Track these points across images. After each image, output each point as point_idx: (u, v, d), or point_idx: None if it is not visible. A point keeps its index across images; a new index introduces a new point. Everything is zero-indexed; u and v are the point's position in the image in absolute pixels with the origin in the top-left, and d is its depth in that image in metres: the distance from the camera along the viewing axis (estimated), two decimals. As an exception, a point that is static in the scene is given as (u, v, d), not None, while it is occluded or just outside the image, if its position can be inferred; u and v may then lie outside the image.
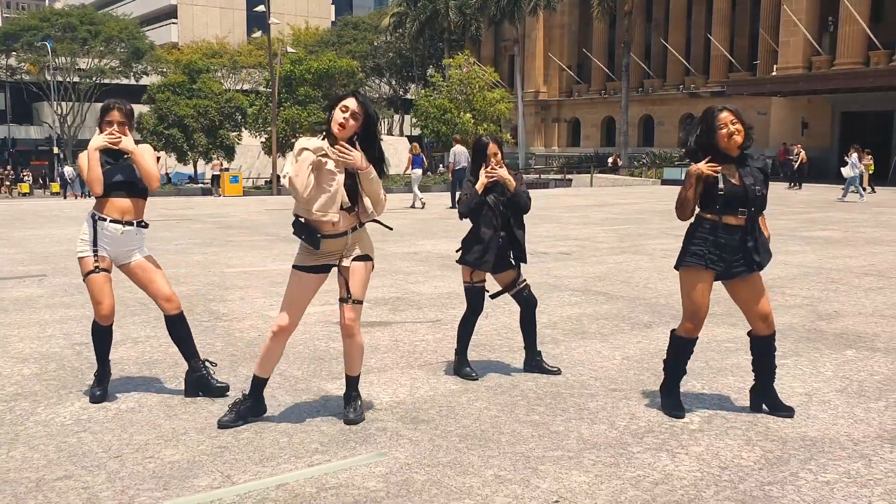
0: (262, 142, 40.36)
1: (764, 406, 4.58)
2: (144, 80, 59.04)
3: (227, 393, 4.80)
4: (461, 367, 5.31)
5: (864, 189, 26.60)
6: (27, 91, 61.69)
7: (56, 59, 57.44)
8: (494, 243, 5.18)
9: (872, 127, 40.21)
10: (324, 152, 4.15)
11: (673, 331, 4.68)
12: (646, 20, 53.56)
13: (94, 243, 4.58)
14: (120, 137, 4.56)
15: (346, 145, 4.15)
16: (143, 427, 4.29)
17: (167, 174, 46.20)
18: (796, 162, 31.62)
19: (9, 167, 50.27)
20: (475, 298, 5.33)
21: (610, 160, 46.80)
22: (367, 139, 4.25)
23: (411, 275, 9.60)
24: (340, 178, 4.18)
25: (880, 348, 6.10)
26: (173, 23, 79.20)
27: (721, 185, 4.33)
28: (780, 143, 40.20)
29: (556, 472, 3.69)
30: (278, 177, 37.35)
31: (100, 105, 4.92)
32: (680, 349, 4.61)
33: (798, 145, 34.14)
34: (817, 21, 40.49)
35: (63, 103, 60.00)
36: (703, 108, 4.56)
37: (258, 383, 4.42)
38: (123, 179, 4.62)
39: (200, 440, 4.09)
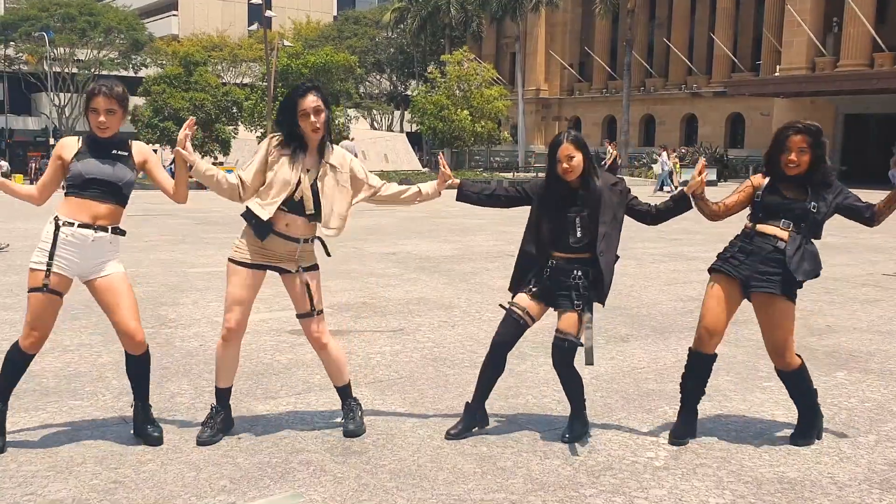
0: (257, 136, 39.86)
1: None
2: (144, 73, 58.50)
3: (159, 444, 3.94)
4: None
5: (675, 186, 28.63)
6: (25, 82, 61.12)
7: (54, 50, 56.95)
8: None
9: (876, 129, 39.66)
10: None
11: (690, 346, 4.24)
12: (649, 18, 52.99)
13: (51, 255, 3.74)
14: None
15: None
16: (37, 455, 3.80)
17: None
18: (608, 161, 32.16)
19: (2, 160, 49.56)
20: (505, 328, 4.14)
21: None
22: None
23: (384, 277, 9.10)
24: (294, 179, 3.89)
25: (874, 370, 5.61)
26: (174, 15, 78.60)
27: (759, 193, 4.04)
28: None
29: (493, 521, 3.20)
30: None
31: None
32: (689, 364, 4.18)
33: (612, 143, 34.60)
34: (822, 22, 39.90)
35: (61, 94, 59.49)
36: (705, 108, 4.17)
37: (221, 394, 4.09)
38: (103, 178, 3.79)
39: (96, 472, 3.61)
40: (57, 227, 3.77)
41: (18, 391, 4.65)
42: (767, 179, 4.07)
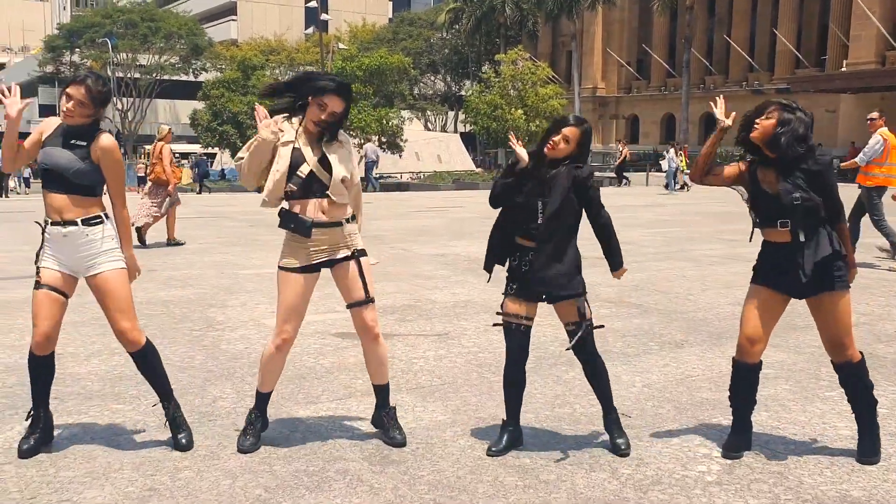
0: (313, 138, 40.22)
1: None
2: (203, 77, 59.70)
3: (186, 450, 3.90)
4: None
5: (678, 183, 29.02)
6: (90, 87, 62.98)
7: (117, 56, 58.51)
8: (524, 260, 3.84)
9: (949, 125, 38.17)
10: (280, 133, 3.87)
11: (733, 356, 4.01)
12: (708, 15, 52.00)
13: (39, 252, 3.82)
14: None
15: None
16: (75, 460, 3.79)
17: (222, 170, 46.40)
18: (619, 159, 32.88)
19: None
20: (510, 341, 3.94)
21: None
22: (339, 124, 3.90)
23: (431, 279, 9.00)
24: (285, 157, 3.81)
25: (947, 380, 5.28)
26: (233, 20, 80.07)
27: (746, 196, 3.83)
28: (849, 143, 38.50)
29: (532, 538, 3.06)
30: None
31: (160, 102, 4.06)
32: (733, 375, 3.97)
33: (623, 142, 34.94)
34: (892, 14, 38.60)
35: (124, 98, 61.11)
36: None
37: (263, 398, 4.02)
38: (51, 167, 3.70)
39: (133, 479, 3.57)
40: (42, 227, 3.83)
41: (62, 395, 4.71)
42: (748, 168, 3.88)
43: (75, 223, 3.76)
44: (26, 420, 3.93)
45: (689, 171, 4.60)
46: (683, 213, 19.55)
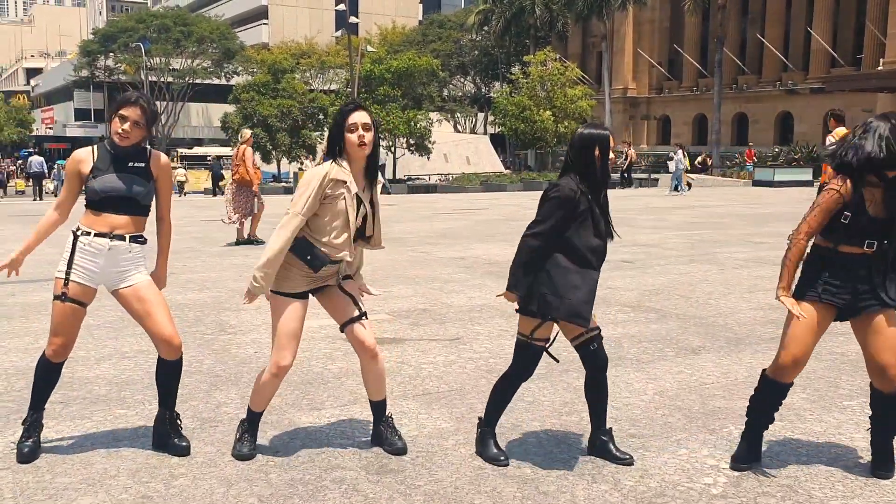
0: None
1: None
2: (235, 80, 60.29)
3: (187, 454, 3.91)
4: (486, 446, 3.90)
5: (686, 184, 28.88)
6: (123, 90, 63.94)
7: (151, 60, 59.31)
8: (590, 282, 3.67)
9: None
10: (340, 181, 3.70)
11: (764, 370, 3.83)
12: (741, 14, 51.34)
13: (70, 264, 3.74)
14: None
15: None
16: (73, 465, 3.78)
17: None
18: (624, 162, 32.36)
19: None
20: (532, 360, 3.84)
21: (699, 159, 44.89)
22: (374, 153, 3.79)
23: (448, 283, 8.93)
24: (353, 207, 3.73)
25: (973, 389, 5.08)
26: (264, 23, 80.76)
27: (846, 213, 3.50)
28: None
29: (525, 553, 2.98)
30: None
31: (193, 105, 4.07)
32: (763, 391, 3.77)
33: (627, 143, 34.41)
34: (929, 11, 37.81)
35: (157, 102, 61.87)
36: (802, 106, 3.68)
37: (254, 417, 3.96)
38: (119, 194, 3.71)
39: (127, 486, 3.55)
40: (76, 238, 3.77)
41: (68, 399, 4.72)
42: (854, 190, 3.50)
43: (122, 238, 3.76)
44: (23, 424, 3.93)
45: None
46: (713, 214, 19.27)
